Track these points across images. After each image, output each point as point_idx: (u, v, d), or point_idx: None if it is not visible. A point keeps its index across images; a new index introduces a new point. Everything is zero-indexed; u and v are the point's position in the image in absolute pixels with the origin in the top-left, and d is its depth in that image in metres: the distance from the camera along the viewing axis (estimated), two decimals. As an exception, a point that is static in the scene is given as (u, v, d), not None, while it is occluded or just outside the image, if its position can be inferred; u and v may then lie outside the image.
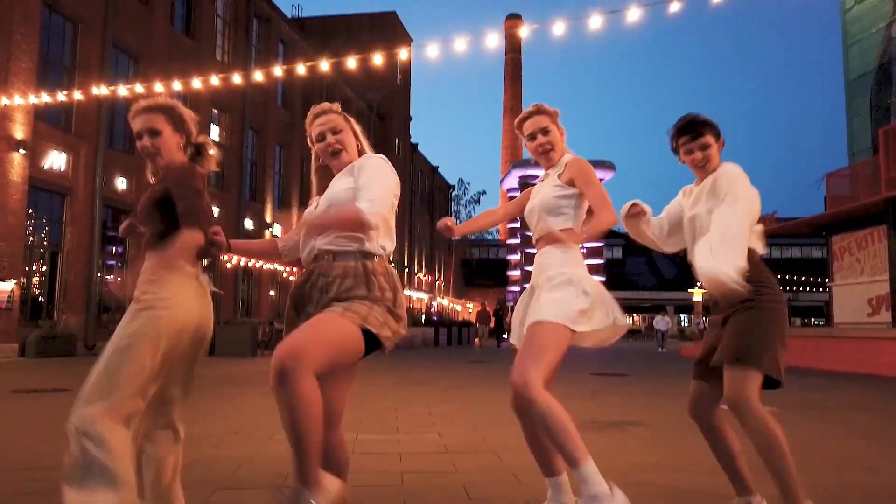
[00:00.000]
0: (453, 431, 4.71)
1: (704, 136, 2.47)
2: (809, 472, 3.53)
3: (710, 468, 2.76)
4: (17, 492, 2.96)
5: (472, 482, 3.18)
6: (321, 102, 2.57)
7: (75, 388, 6.24)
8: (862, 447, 4.40)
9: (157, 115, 2.32)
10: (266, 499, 2.88)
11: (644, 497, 2.90)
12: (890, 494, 3.11)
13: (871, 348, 11.63)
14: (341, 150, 2.33)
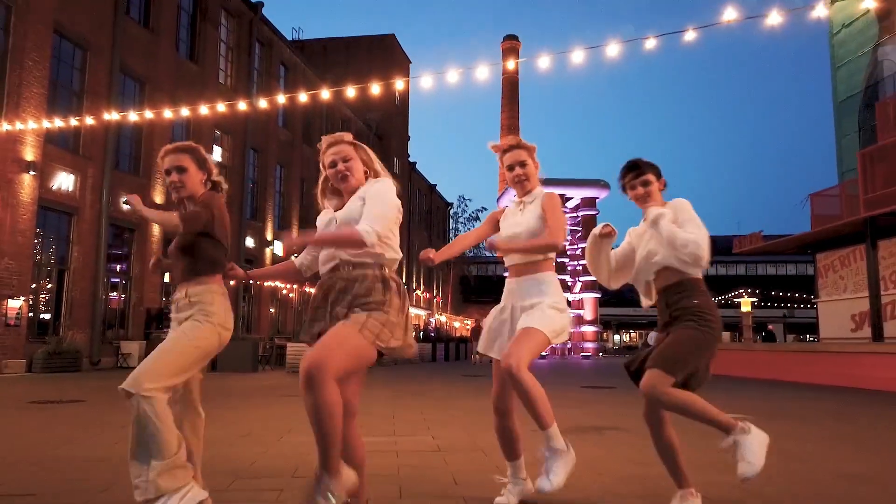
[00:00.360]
0: (445, 434, 5.13)
1: (645, 174, 2.90)
2: (774, 468, 3.98)
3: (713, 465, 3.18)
4: (58, 490, 3.37)
5: (460, 473, 3.61)
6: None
7: (90, 399, 6.74)
8: (815, 446, 4.83)
9: (184, 155, 2.80)
10: (281, 485, 3.31)
11: (613, 483, 3.33)
12: (826, 483, 3.54)
13: (853, 362, 12.05)
14: (349, 176, 2.72)
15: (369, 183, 2.74)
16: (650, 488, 3.30)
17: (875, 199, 12.95)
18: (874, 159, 13.42)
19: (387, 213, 2.59)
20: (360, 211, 2.59)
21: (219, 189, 2.83)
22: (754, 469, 2.53)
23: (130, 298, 18.67)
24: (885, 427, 6.32)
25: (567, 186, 34.40)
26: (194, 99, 21.41)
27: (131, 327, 18.49)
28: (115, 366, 17.14)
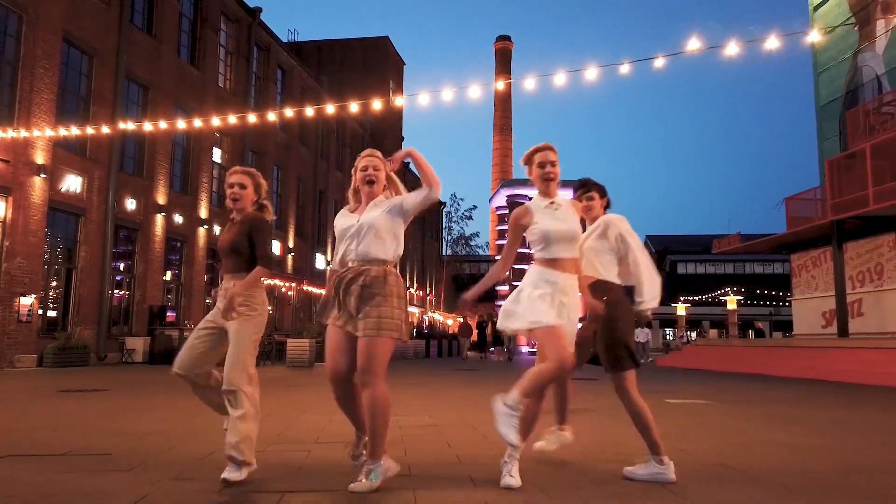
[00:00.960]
0: (441, 415, 5.88)
1: (590, 192, 3.68)
2: (714, 439, 4.78)
3: (627, 435, 3.94)
4: (124, 451, 4.11)
5: (453, 440, 4.38)
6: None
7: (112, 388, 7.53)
8: (764, 425, 5.60)
9: (247, 177, 3.57)
10: (307, 448, 4.06)
11: (592, 446, 4.10)
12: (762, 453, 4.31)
13: (820, 356, 12.88)
14: (374, 181, 3.32)
15: (394, 198, 3.37)
16: (620, 452, 4.07)
17: (841, 204, 13.79)
18: (841, 167, 14.25)
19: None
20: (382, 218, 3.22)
21: (264, 210, 3.56)
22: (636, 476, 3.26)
23: (134, 296, 19.33)
24: (821, 408, 7.10)
25: (559, 187, 35.27)
26: (196, 102, 22.09)
27: (135, 324, 19.14)
28: (121, 361, 17.79)
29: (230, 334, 3.27)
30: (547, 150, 3.43)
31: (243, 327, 3.25)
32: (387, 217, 3.24)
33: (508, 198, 35.01)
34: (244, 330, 3.25)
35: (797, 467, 3.62)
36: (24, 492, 2.86)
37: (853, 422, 5.93)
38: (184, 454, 3.83)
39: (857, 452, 4.17)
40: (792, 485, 3.15)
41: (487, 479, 3.18)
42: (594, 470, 3.51)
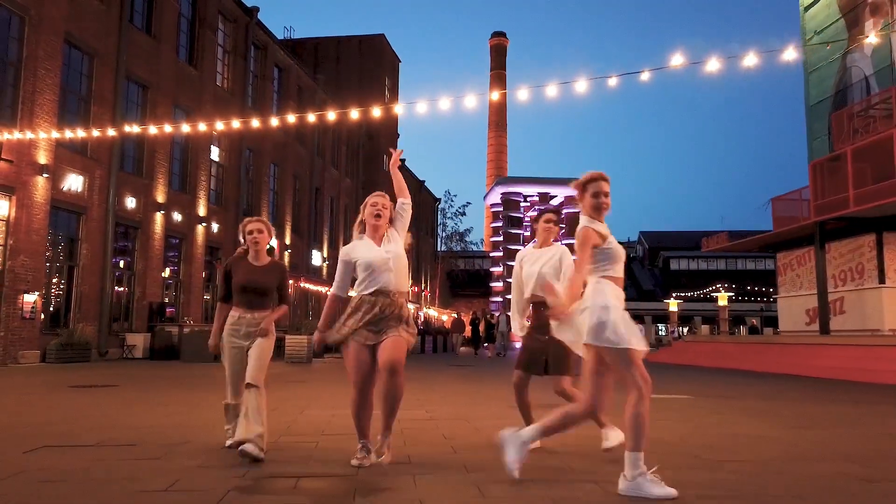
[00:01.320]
0: (437, 409, 6.27)
1: (560, 220, 4.14)
2: (688, 431, 5.19)
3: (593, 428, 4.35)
4: (148, 442, 4.48)
5: (448, 432, 4.77)
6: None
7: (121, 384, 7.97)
8: (735, 419, 6.02)
9: (262, 223, 4.38)
10: (315, 439, 4.45)
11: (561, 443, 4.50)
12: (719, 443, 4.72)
13: (802, 353, 13.33)
14: (381, 215, 3.85)
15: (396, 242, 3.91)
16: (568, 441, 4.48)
17: (824, 205, 14.23)
18: (824, 169, 14.69)
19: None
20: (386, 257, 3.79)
21: (272, 253, 4.22)
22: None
23: (134, 293, 19.65)
24: (794, 402, 7.52)
25: (551, 185, 35.61)
26: (194, 102, 22.37)
27: (135, 320, 19.47)
28: (121, 357, 18.12)
29: (255, 347, 4.11)
30: (601, 181, 3.48)
31: (267, 343, 4.15)
32: (401, 251, 3.86)
33: (503, 195, 35.40)
34: (267, 346, 4.15)
35: (755, 455, 4.02)
36: (70, 477, 3.23)
37: (820, 415, 6.35)
38: (202, 445, 4.21)
39: (812, 444, 4.58)
40: (748, 471, 3.55)
41: (480, 466, 3.57)
42: (574, 459, 3.91)
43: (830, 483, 3.28)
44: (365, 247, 3.82)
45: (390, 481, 3.25)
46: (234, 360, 4.19)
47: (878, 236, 13.86)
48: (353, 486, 3.13)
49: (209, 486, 3.09)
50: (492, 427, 4.79)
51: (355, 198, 38.96)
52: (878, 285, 13.94)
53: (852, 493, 3.09)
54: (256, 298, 4.17)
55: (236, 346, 4.16)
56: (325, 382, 10.02)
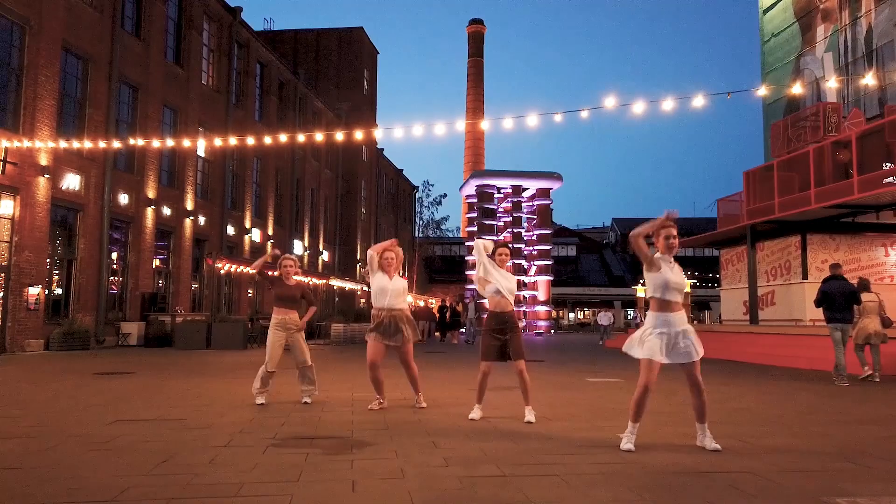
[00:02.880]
0: (410, 394, 7.79)
1: (510, 253, 5.66)
2: (596, 410, 6.78)
3: (549, 405, 5.90)
4: (191, 416, 5.95)
5: (426, 418, 6.31)
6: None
7: (138, 371, 9.56)
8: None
9: (292, 261, 6.55)
10: (319, 416, 5.95)
11: (501, 419, 6.05)
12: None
13: (735, 340, 15.10)
14: (392, 265, 6.35)
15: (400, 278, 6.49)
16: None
17: (755, 210, 15.95)
18: (756, 176, 16.42)
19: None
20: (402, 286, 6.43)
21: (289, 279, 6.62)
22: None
23: (127, 284, 20.87)
24: (706, 384, 9.16)
25: (524, 178, 37.14)
26: (182, 100, 23.46)
27: (129, 310, 20.71)
28: (117, 344, 19.41)
29: (295, 339, 6.67)
30: (671, 227, 4.64)
31: (301, 335, 6.74)
32: (405, 285, 6.47)
33: (478, 188, 36.84)
34: (303, 336, 6.76)
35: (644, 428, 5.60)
36: (154, 438, 4.70)
37: (716, 394, 7.99)
38: (237, 418, 5.69)
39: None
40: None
41: (437, 431, 5.10)
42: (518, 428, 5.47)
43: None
44: (382, 279, 6.36)
45: (374, 439, 4.77)
46: (276, 343, 6.58)
47: (803, 237, 15.65)
48: (351, 443, 4.64)
49: (254, 442, 4.58)
50: (451, 403, 6.37)
51: (335, 188, 40.20)
52: (801, 280, 15.72)
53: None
54: (290, 304, 6.70)
55: (279, 334, 6.62)
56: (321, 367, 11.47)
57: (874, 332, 9.67)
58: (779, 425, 5.72)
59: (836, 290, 9.62)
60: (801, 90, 15.18)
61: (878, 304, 9.82)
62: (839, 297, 9.57)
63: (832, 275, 9.90)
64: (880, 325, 9.70)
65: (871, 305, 9.73)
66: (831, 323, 9.63)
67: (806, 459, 4.27)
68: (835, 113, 16.08)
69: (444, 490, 3.39)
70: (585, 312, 62.44)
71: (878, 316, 9.75)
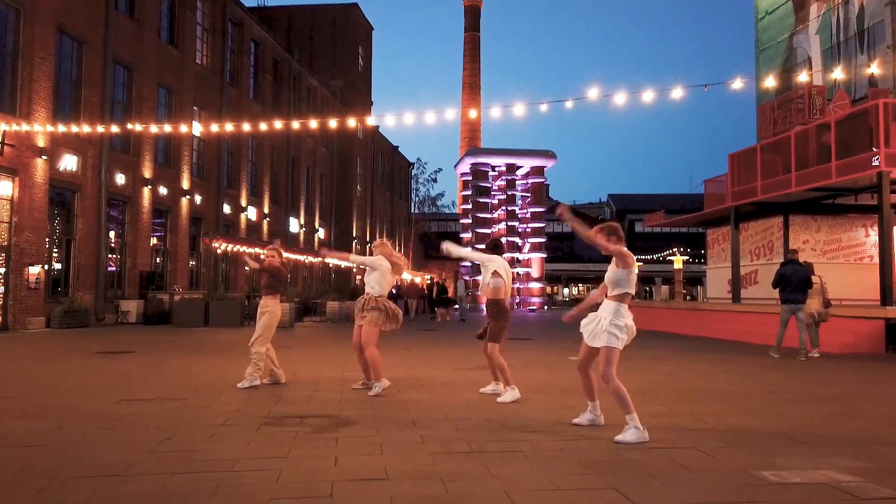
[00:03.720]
0: (397, 372, 8.23)
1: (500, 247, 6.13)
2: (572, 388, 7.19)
3: (528, 382, 6.33)
4: (191, 394, 6.37)
5: (409, 398, 6.74)
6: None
7: (137, 350, 10.01)
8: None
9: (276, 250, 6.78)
10: (309, 395, 6.38)
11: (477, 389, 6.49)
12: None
13: (717, 318, 15.56)
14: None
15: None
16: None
17: (739, 192, 16.32)
18: (740, 159, 16.75)
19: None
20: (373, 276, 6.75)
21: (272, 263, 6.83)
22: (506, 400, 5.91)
23: (125, 263, 21.23)
24: (681, 361, 9.61)
25: (518, 156, 37.35)
26: (176, 80, 23.59)
27: (128, 288, 21.11)
28: (116, 322, 19.84)
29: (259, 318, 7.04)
30: (611, 225, 5.00)
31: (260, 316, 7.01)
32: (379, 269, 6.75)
33: (472, 166, 37.06)
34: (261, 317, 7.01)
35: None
36: (156, 417, 5.11)
37: (688, 373, 8.44)
38: (231, 399, 6.11)
39: (660, 386, 6.62)
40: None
41: (416, 407, 5.53)
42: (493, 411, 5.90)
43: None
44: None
45: (359, 417, 5.19)
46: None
47: (786, 218, 16.03)
48: (337, 422, 5.07)
49: (248, 421, 5.00)
50: (434, 384, 6.80)
51: (331, 166, 40.38)
52: (783, 260, 16.17)
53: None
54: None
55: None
56: (309, 347, 11.92)
57: (816, 311, 10.57)
58: (738, 403, 6.15)
59: (792, 274, 10.30)
60: (773, 84, 15.42)
61: (821, 286, 10.65)
62: (795, 280, 10.25)
63: (790, 259, 10.62)
64: (822, 305, 10.60)
65: (814, 287, 10.55)
66: (786, 304, 10.34)
67: (753, 436, 4.70)
68: (820, 96, 16.35)
69: (417, 464, 3.81)
70: (580, 288, 63.10)
71: (820, 297, 10.59)
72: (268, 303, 7.05)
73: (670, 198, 70.86)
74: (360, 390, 6.66)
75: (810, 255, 16.39)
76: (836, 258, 16.45)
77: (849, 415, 5.66)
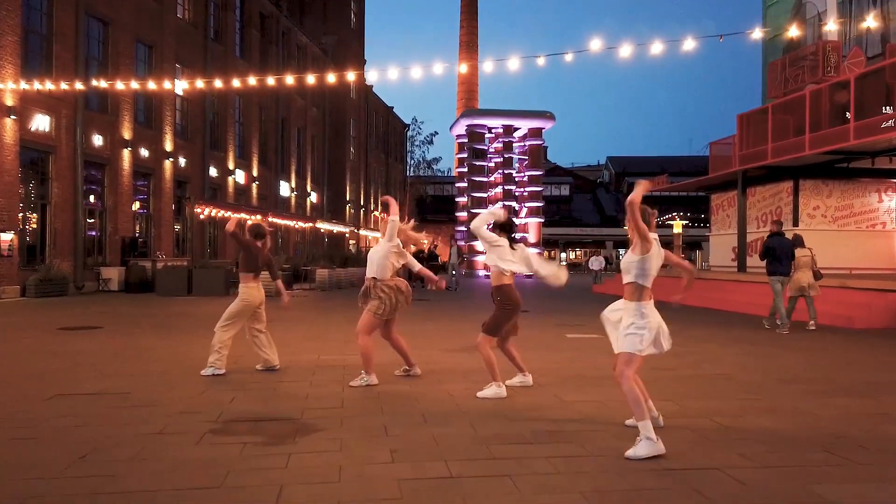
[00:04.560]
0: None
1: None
2: (567, 369, 6.49)
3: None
4: (163, 372, 5.64)
5: (383, 395, 6.03)
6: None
7: (106, 325, 9.16)
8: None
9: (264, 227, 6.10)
10: (297, 379, 5.66)
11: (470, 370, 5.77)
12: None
13: (720, 288, 14.85)
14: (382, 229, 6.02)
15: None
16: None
17: (747, 155, 15.43)
18: (751, 120, 15.81)
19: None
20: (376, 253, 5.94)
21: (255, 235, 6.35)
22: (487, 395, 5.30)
23: (106, 228, 20.39)
24: (678, 339, 8.92)
25: (515, 118, 36.19)
26: (156, 35, 22.37)
27: (109, 254, 20.31)
28: (97, 290, 19.09)
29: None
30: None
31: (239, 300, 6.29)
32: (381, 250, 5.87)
33: (468, 127, 35.87)
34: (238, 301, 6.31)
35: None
36: (87, 421, 4.39)
37: (696, 355, 7.74)
38: (184, 393, 5.38)
39: (665, 373, 5.93)
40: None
41: (391, 410, 4.81)
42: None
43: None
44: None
45: (324, 420, 4.48)
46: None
47: (796, 183, 15.18)
48: (297, 428, 4.35)
49: (191, 427, 4.27)
50: (419, 375, 6.08)
51: (323, 127, 39.20)
52: (792, 228, 15.38)
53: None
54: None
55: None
56: (289, 323, 11.20)
57: (808, 284, 10.43)
58: (758, 398, 5.46)
59: (778, 246, 10.31)
60: (797, 32, 14.40)
61: (811, 258, 10.52)
62: (781, 251, 10.28)
63: (776, 231, 10.56)
64: (812, 278, 10.46)
65: (804, 260, 10.43)
66: (773, 275, 10.33)
67: (784, 448, 4.00)
68: (835, 52, 15.35)
69: (378, 495, 3.09)
70: (577, 253, 62.44)
71: (810, 270, 10.47)
72: (240, 284, 6.33)
73: (670, 160, 69.67)
74: (401, 377, 6.16)
75: (820, 222, 15.63)
76: (848, 225, 15.67)
77: (886, 414, 4.96)
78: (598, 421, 4.59)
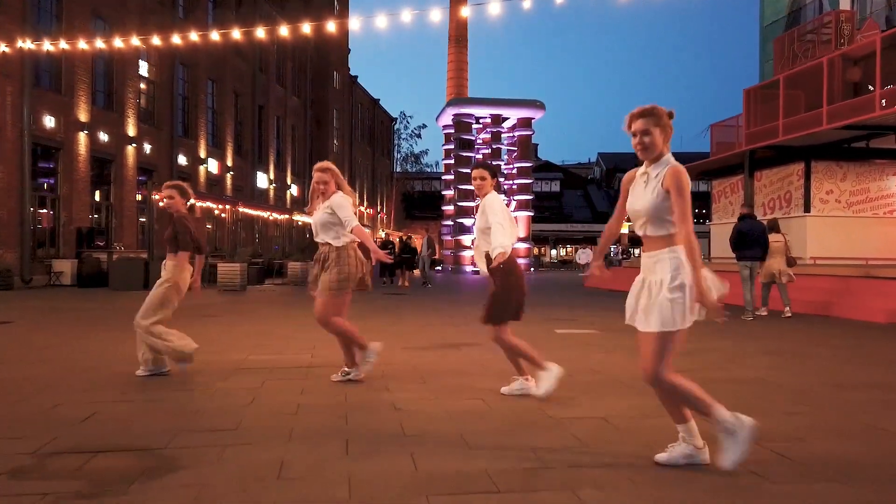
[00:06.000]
0: (321, 354, 6.13)
1: (484, 172, 4.33)
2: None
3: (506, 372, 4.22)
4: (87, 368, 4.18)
5: (303, 407, 4.61)
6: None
7: (16, 320, 7.49)
8: (604, 354, 6.01)
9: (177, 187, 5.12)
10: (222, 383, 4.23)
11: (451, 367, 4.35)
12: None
13: (725, 279, 13.50)
14: (323, 192, 4.69)
15: (332, 197, 4.63)
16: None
17: (755, 134, 14.11)
18: (758, 96, 14.50)
19: (351, 212, 4.65)
20: (323, 216, 4.61)
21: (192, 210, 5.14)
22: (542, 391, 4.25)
23: (59, 217, 18.83)
24: (690, 336, 7.58)
25: (504, 107, 34.79)
26: (116, 11, 20.82)
27: (62, 246, 18.77)
28: (48, 284, 17.53)
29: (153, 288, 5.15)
30: (640, 119, 2.89)
31: (164, 287, 4.99)
32: (332, 210, 4.62)
33: (455, 116, 34.44)
34: (157, 286, 5.10)
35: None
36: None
37: (715, 353, 6.39)
38: (33, 406, 3.94)
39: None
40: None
41: (355, 431, 3.41)
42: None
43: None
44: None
45: (190, 459, 3.05)
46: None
47: (807, 164, 13.87)
48: (148, 466, 2.92)
49: (126, 415, 2.83)
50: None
51: (303, 117, 37.66)
52: (803, 214, 14.06)
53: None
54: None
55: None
56: (234, 316, 9.78)
57: (779, 270, 10.13)
58: (814, 411, 4.09)
59: (749, 230, 9.93)
60: None
61: (784, 244, 10.23)
62: (751, 236, 9.88)
63: (747, 214, 10.22)
64: (785, 264, 10.14)
65: (777, 246, 10.11)
66: (742, 261, 9.94)
67: (868, 484, 2.63)
68: (848, 23, 14.07)
69: None
70: (568, 249, 61.15)
71: (783, 256, 10.16)
72: (168, 266, 4.92)
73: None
74: (339, 382, 4.76)
75: (834, 207, 14.31)
76: (863, 211, 14.36)
77: None
78: (604, 453, 3.19)
